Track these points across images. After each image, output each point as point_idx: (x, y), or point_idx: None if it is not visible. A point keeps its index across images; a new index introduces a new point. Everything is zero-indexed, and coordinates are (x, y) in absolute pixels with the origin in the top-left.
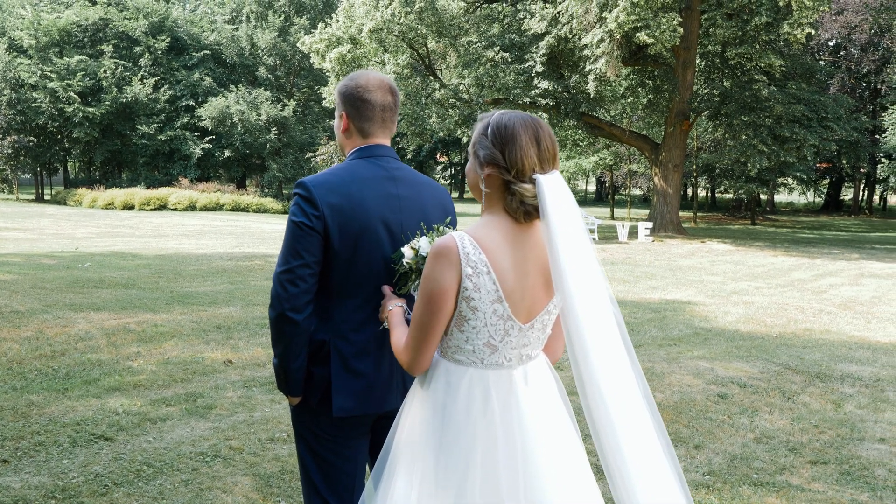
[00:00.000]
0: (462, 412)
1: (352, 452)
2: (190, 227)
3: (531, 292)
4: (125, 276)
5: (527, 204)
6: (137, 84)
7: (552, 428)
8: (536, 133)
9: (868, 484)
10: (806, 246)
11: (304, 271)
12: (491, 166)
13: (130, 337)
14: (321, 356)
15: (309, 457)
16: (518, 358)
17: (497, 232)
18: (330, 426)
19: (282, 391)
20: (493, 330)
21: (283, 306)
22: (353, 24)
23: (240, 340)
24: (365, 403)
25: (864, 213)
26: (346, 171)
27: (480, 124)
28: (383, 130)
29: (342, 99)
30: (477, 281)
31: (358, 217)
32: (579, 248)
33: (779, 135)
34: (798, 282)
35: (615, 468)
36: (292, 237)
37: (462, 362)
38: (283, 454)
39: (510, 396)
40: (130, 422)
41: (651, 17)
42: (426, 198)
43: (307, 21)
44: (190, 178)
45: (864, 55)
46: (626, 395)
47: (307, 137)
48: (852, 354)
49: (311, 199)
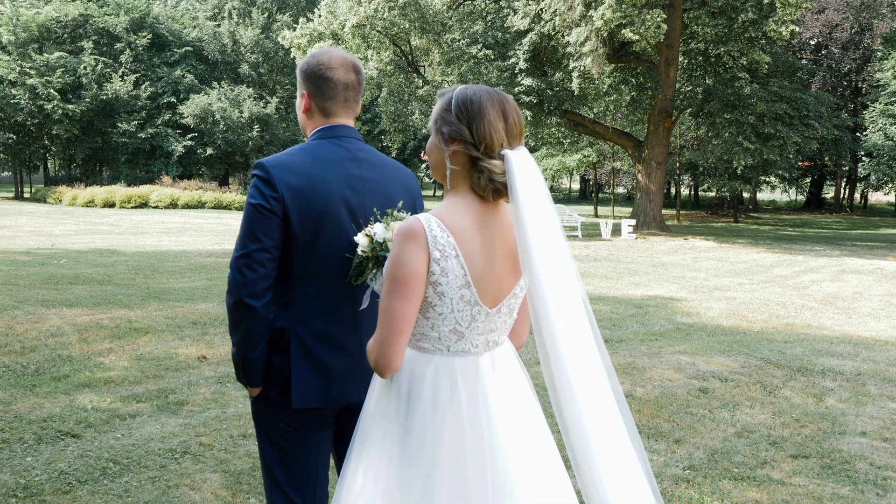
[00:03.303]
0: (428, 402)
1: (314, 445)
2: (170, 225)
3: (498, 275)
4: (101, 272)
5: (495, 181)
6: (118, 81)
7: (520, 416)
8: (503, 107)
9: (849, 477)
10: (788, 243)
11: (263, 256)
12: (457, 142)
13: (103, 333)
14: (281, 345)
15: (270, 450)
16: (485, 344)
17: (464, 213)
18: (291, 418)
19: (241, 382)
20: (460, 316)
21: (240, 293)
22: (336, 19)
23: (215, 336)
24: (326, 395)
25: (845, 211)
26: (307, 152)
27: (442, 100)
28: (346, 110)
29: (303, 77)
30: (444, 265)
31: (318, 199)
32: (547, 227)
33: (762, 133)
34: (780, 278)
35: (582, 457)
36: (250, 220)
37: (427, 350)
38: (254, 451)
39: (477, 384)
40: (99, 418)
41: (636, 13)
42: (390, 180)
43: (290, 17)
44: (171, 175)
45: (844, 54)
46: (593, 376)
47: (290, 135)
48: (833, 349)
49: (270, 181)
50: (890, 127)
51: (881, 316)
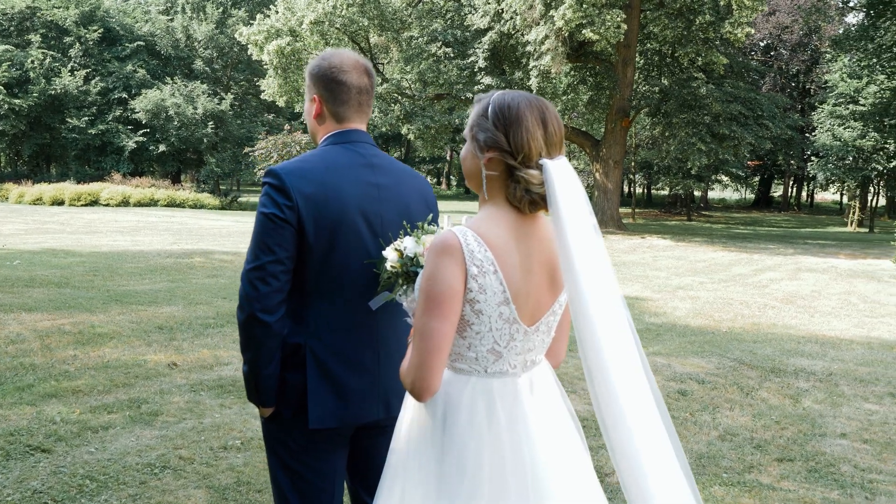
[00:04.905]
0: (465, 426)
1: (329, 467)
2: (124, 224)
3: (536, 292)
4: (58, 274)
5: (533, 192)
6: (67, 75)
7: (560, 440)
8: (542, 114)
9: (836, 481)
10: (742, 241)
11: (276, 268)
12: (493, 150)
13: (66, 339)
14: (296, 361)
15: (282, 473)
16: (523, 364)
17: (501, 226)
18: (305, 439)
19: (252, 402)
20: (499, 335)
21: (253, 307)
22: (294, 15)
23: (184, 341)
24: (343, 414)
25: (793, 210)
26: (320, 158)
27: (479, 105)
28: (360, 115)
29: (314, 80)
30: (483, 281)
31: (334, 207)
32: (590, 242)
33: (717, 133)
34: (739, 276)
35: (625, 465)
36: (262, 230)
37: (463, 371)
38: (237, 464)
39: (516, 407)
40: (69, 431)
41: (596, 13)
42: (406, 187)
43: (245, 13)
44: (123, 172)
45: (793, 55)
46: (639, 395)
47: (245, 132)
48: (801, 349)
49: (283, 188)
50: (838, 128)
51: (842, 314)
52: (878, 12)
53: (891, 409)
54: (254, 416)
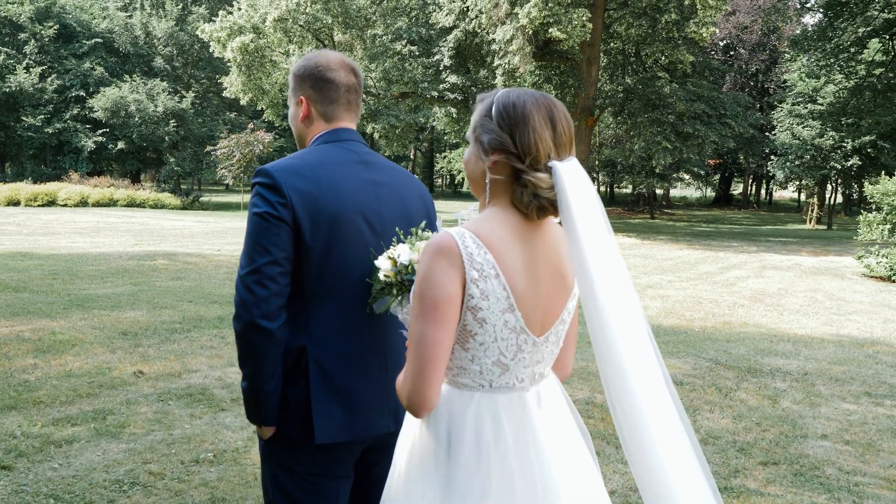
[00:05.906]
0: (471, 444)
1: (334, 494)
2: (83, 225)
3: (544, 298)
4: (15, 277)
5: (541, 197)
6: (22, 73)
7: (570, 457)
8: (551, 113)
9: (823, 485)
10: (706, 239)
11: (274, 269)
12: (498, 153)
13: (25, 347)
14: (298, 371)
15: (281, 500)
16: (531, 377)
17: (503, 227)
18: (311, 462)
19: (252, 421)
20: (504, 346)
21: (251, 313)
22: (257, 13)
23: (149, 348)
24: (352, 426)
25: (752, 207)
26: (313, 155)
27: (482, 105)
28: (349, 113)
29: (301, 81)
30: (484, 287)
31: (330, 204)
32: (606, 249)
33: (681, 131)
34: (706, 275)
35: (642, 468)
36: (256, 231)
37: (467, 386)
38: (210, 479)
39: (524, 423)
40: (31, 446)
41: (562, 12)
42: (404, 186)
43: (206, 10)
44: (81, 172)
45: (753, 55)
46: (660, 406)
47: (206, 130)
48: (775, 348)
49: (275, 186)
50: (797, 127)
51: (810, 312)
52: (836, 13)
53: (868, 409)
54: (225, 427)
